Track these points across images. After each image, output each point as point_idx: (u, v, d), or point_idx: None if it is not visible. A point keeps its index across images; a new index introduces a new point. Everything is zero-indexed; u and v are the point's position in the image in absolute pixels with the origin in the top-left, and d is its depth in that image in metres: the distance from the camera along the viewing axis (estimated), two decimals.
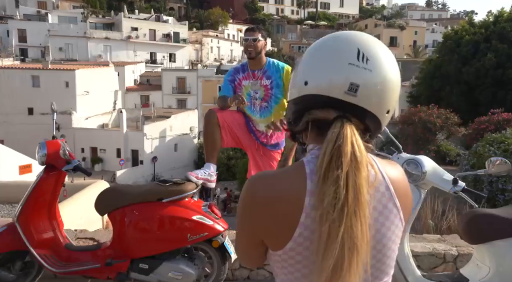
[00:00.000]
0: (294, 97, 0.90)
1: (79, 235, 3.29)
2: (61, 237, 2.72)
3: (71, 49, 41.21)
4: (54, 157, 2.53)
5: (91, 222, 6.15)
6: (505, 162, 2.08)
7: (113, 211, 2.50)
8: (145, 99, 36.29)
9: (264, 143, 2.93)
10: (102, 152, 29.44)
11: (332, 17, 77.98)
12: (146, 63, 42.67)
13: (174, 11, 63.83)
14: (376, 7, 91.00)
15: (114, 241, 2.58)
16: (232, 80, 2.96)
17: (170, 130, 29.52)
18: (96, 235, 3.29)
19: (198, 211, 2.48)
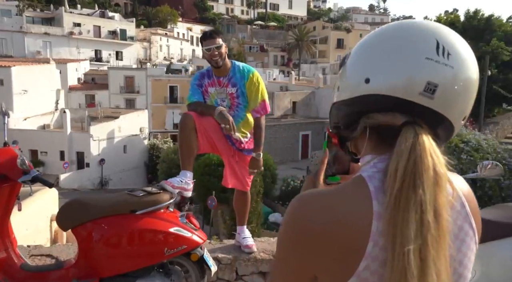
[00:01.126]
0: (346, 98, 0.75)
1: (33, 251, 2.96)
2: (15, 256, 2.42)
3: (5, 44, 38.24)
4: (7, 166, 2.26)
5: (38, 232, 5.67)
6: (496, 164, 2.11)
7: (78, 226, 2.26)
8: (90, 99, 34.59)
9: (240, 148, 2.83)
10: (43, 154, 27.76)
11: (281, 18, 79.24)
12: (90, 61, 40.62)
13: (120, 8, 61.41)
14: (323, 10, 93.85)
15: (79, 259, 2.31)
16: (200, 85, 2.80)
17: (118, 131, 28.40)
18: (53, 251, 2.97)
19: (175, 222, 2.30)
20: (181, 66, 43.81)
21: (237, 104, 2.76)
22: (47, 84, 30.70)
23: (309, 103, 33.81)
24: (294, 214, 0.71)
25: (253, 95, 2.72)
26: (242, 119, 2.79)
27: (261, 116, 2.78)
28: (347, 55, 0.80)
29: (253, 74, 2.74)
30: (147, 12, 61.00)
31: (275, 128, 27.15)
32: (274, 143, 25.95)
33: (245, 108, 2.78)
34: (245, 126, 2.80)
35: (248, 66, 2.82)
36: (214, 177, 14.66)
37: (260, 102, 2.74)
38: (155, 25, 55.94)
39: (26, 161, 2.30)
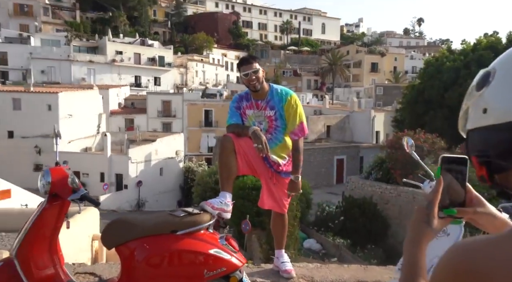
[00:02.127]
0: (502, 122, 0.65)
1: (77, 269, 3.05)
2: (62, 273, 2.46)
3: (53, 72, 40.72)
4: (59, 185, 2.34)
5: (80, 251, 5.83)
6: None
7: (121, 245, 2.29)
8: (129, 123, 35.90)
9: (278, 171, 2.83)
10: (85, 176, 28.73)
11: (315, 43, 79.95)
12: (130, 86, 42.41)
13: (159, 36, 64.26)
14: (357, 34, 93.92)
15: (122, 278, 2.33)
16: (238, 107, 2.87)
17: (155, 154, 29.14)
18: (96, 270, 3.06)
19: (214, 244, 2.29)
20: (216, 90, 44.88)
21: (275, 127, 2.78)
22: (90, 109, 32.24)
23: (344, 127, 33.43)
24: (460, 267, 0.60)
25: (291, 117, 2.75)
26: (280, 142, 2.80)
27: (299, 138, 2.79)
28: (489, 73, 0.71)
29: (291, 97, 2.77)
30: (184, 39, 63.40)
31: (309, 152, 26.95)
32: (308, 167, 25.69)
33: (283, 131, 2.79)
34: (283, 149, 2.80)
35: (286, 89, 2.85)
36: (248, 200, 14.59)
37: (298, 124, 2.76)
38: (192, 52, 57.94)
39: (76, 180, 2.38)
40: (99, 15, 60.37)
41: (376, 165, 18.46)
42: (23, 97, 30.08)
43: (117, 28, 55.29)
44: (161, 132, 33.18)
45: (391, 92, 46.18)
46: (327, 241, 16.45)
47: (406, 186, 16.52)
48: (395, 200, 16.89)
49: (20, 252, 2.33)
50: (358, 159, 28.85)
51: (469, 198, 0.82)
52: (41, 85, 34.56)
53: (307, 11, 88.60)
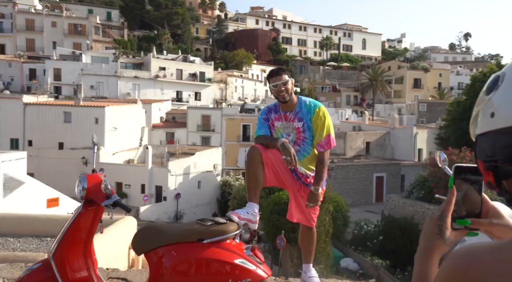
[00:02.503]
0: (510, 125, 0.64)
1: (111, 274, 3.17)
2: (95, 277, 2.54)
3: (102, 87, 42.93)
4: (94, 191, 2.43)
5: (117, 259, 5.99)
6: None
7: (150, 251, 2.35)
8: (170, 136, 36.89)
9: (306, 183, 2.82)
10: (127, 187, 29.61)
11: (355, 59, 79.13)
12: (172, 101, 43.80)
13: (201, 52, 66.25)
14: (399, 50, 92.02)
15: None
16: (267, 119, 2.89)
17: (194, 167, 29.62)
18: (128, 275, 3.15)
19: (240, 254, 2.30)
20: (254, 105, 45.35)
21: (303, 138, 2.80)
22: (134, 122, 33.52)
23: (384, 144, 32.55)
24: (463, 274, 0.59)
25: (318, 129, 2.76)
26: (308, 154, 2.80)
27: (325, 150, 2.79)
28: (499, 76, 0.71)
29: (320, 109, 2.78)
30: (224, 56, 64.94)
31: (347, 168, 26.41)
32: (346, 184, 25.15)
33: (311, 142, 2.80)
34: (311, 161, 2.80)
35: (315, 101, 2.86)
36: (283, 216, 14.40)
37: (325, 136, 2.76)
38: (232, 68, 59.14)
39: (109, 186, 2.44)
40: (145, 33, 63.32)
41: (418, 184, 17.76)
42: (73, 111, 31.80)
43: (161, 45, 57.62)
44: (200, 146, 33.76)
45: (435, 109, 44.58)
46: (365, 261, 15.89)
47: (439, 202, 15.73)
48: None
49: (57, 254, 2.42)
50: (399, 177, 27.87)
51: (485, 209, 0.78)
52: (90, 100, 36.45)
53: (348, 27, 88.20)
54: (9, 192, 13.45)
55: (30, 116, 31.60)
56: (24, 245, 5.46)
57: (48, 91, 39.68)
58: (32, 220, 6.97)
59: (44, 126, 31.01)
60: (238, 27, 76.38)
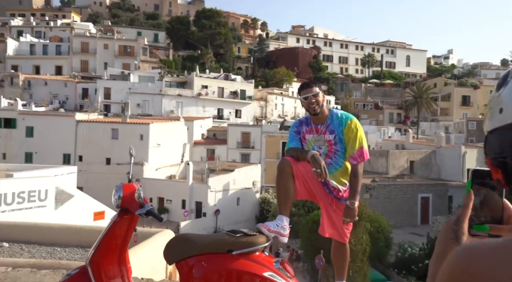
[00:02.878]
0: None
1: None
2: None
3: (147, 105, 44.76)
4: (128, 200, 2.49)
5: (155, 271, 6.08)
6: None
7: (181, 260, 2.36)
8: (211, 153, 37.52)
9: (338, 197, 2.76)
10: (168, 202, 30.26)
11: (398, 76, 77.29)
12: (213, 118, 44.74)
13: (242, 71, 67.58)
14: (445, 66, 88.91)
15: None
16: (298, 132, 2.89)
17: (233, 183, 29.83)
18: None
19: (269, 267, 2.26)
20: None
21: (335, 151, 2.75)
22: (176, 139, 34.50)
23: (429, 163, 31.19)
24: (465, 269, 0.58)
25: (350, 141, 2.72)
26: (340, 167, 2.76)
27: (358, 163, 2.73)
28: (509, 72, 0.69)
29: (352, 121, 2.75)
30: (265, 74, 65.79)
31: (389, 188, 25.50)
32: (388, 204, 24.25)
33: (343, 155, 2.75)
34: (344, 174, 2.76)
35: (347, 113, 2.83)
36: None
37: (357, 149, 2.71)
38: (272, 86, 59.68)
39: (142, 195, 2.48)
40: (189, 53, 65.72)
41: None
42: (120, 127, 33.30)
43: (204, 65, 59.43)
44: (239, 163, 34.04)
45: None
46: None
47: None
48: None
49: (93, 261, 2.49)
50: (446, 198, 26.48)
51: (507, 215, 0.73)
52: (136, 117, 38.05)
53: (391, 44, 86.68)
54: (60, 204, 14.16)
55: (81, 133, 33.44)
56: (70, 254, 5.69)
57: (98, 109, 41.92)
58: (78, 230, 7.27)
59: (93, 142, 32.62)
60: (279, 45, 77.35)
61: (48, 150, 32.35)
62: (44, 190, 13.58)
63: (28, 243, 5.98)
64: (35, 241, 6.06)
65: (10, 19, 69.94)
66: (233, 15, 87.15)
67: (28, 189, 13.19)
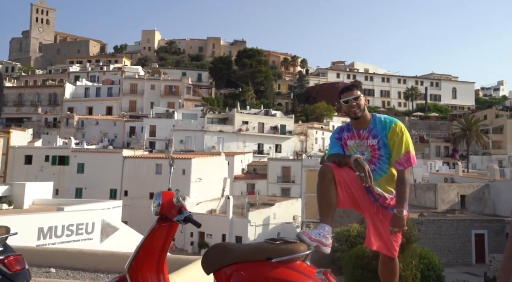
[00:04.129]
0: None
1: None
2: None
3: (190, 141, 46.16)
4: (167, 206, 2.45)
5: None
6: None
7: (219, 269, 2.26)
8: (251, 187, 37.55)
9: (384, 205, 2.58)
10: (208, 237, 30.24)
11: (444, 109, 74.81)
12: (253, 153, 45.12)
13: (282, 107, 68.40)
14: (496, 98, 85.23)
15: None
16: (339, 138, 2.76)
17: (273, 218, 29.45)
18: None
19: (311, 277, 2.11)
20: None
21: (379, 156, 2.61)
22: (217, 173, 34.96)
23: (483, 198, 29.23)
24: None
25: (396, 146, 2.57)
26: (385, 173, 2.60)
27: (404, 168, 2.56)
28: None
29: (396, 124, 2.61)
30: (305, 109, 66.13)
31: (439, 223, 24.03)
32: (438, 240, 22.78)
33: (388, 161, 2.60)
34: (389, 181, 2.59)
35: (390, 117, 2.70)
36: (367, 271, 13.44)
37: (403, 153, 2.56)
38: (312, 120, 59.74)
39: (180, 199, 2.43)
40: (230, 91, 67.84)
41: None
42: (163, 163, 34.33)
43: (245, 101, 60.89)
44: (279, 197, 33.71)
45: None
46: None
47: None
48: None
49: (132, 269, 2.43)
50: (503, 235, 24.45)
51: None
52: (179, 153, 39.21)
53: (435, 76, 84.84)
54: (105, 237, 14.56)
55: (127, 168, 34.83)
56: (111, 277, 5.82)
57: (144, 146, 43.72)
58: (121, 257, 7.43)
59: (138, 178, 33.77)
60: (319, 81, 78.03)
61: (96, 185, 33.80)
62: (91, 223, 14.05)
63: (73, 269, 6.17)
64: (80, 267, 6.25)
65: (69, 66, 76.53)
66: (274, 53, 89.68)
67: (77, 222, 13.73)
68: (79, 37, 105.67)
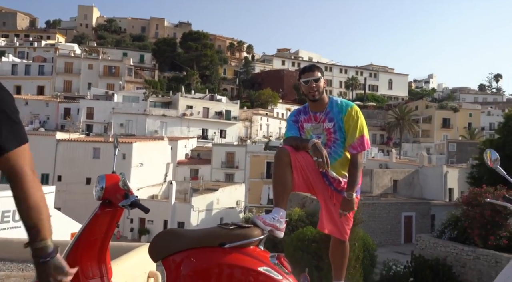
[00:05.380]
0: None
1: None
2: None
3: (131, 125, 44.40)
4: (111, 191, 2.29)
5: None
6: None
7: (168, 256, 2.14)
8: (194, 173, 37.20)
9: (339, 189, 2.57)
10: (149, 223, 29.66)
11: (381, 99, 78.94)
12: (198, 138, 44.57)
13: (227, 92, 68.03)
14: (426, 90, 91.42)
15: None
16: (296, 121, 2.73)
17: (217, 203, 29.50)
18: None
19: (265, 261, 2.06)
20: (279, 143, 45.45)
21: (334, 140, 2.60)
22: (159, 158, 34.09)
23: (412, 183, 31.53)
24: None
25: (350, 129, 2.57)
26: (340, 157, 2.60)
27: (358, 152, 2.57)
28: None
29: (352, 108, 2.59)
30: (250, 95, 66.38)
31: (373, 206, 25.57)
32: (372, 222, 24.24)
33: (343, 144, 2.60)
34: (343, 165, 2.59)
35: (347, 101, 2.68)
36: (307, 253, 13.95)
37: (358, 137, 2.55)
38: (257, 106, 60.16)
39: (127, 183, 2.26)
40: (175, 74, 66.01)
41: (450, 223, 16.87)
42: (102, 147, 32.78)
43: (189, 86, 59.68)
44: (223, 183, 33.78)
45: (466, 149, 43.22)
46: None
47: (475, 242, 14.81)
48: (473, 263, 15.08)
49: (69, 258, 2.20)
50: (429, 217, 26.66)
51: None
52: (119, 137, 37.61)
53: (374, 68, 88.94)
54: None
55: (61, 152, 32.77)
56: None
57: (80, 129, 41.31)
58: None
59: (73, 162, 31.96)
60: (264, 68, 78.48)
61: None
62: None
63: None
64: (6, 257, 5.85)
65: None
66: (220, 38, 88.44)
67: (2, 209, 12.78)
68: (4, 8, 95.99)
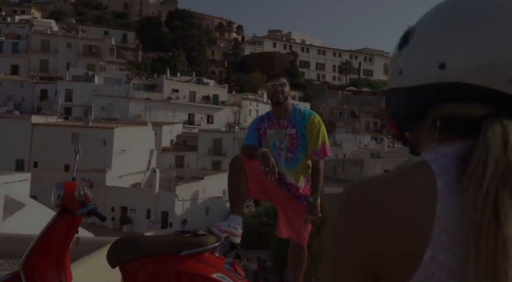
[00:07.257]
0: (413, 84, 0.63)
1: None
2: None
3: (112, 108, 42.34)
4: (69, 199, 2.34)
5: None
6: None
7: (126, 263, 2.24)
8: (180, 160, 35.88)
9: (297, 195, 2.73)
10: (132, 211, 28.81)
11: (376, 84, 77.49)
12: (184, 124, 42.90)
13: (216, 75, 65.99)
14: None
15: None
16: (257, 128, 2.87)
17: (202, 192, 28.47)
18: None
19: (218, 268, 2.20)
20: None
21: (296, 145, 2.76)
22: (143, 144, 32.52)
23: None
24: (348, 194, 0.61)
25: (313, 137, 2.72)
26: (301, 162, 2.75)
27: (319, 159, 2.72)
28: (410, 31, 0.66)
29: (314, 117, 2.77)
30: (240, 78, 64.44)
31: None
32: None
33: (304, 150, 2.75)
34: (304, 170, 2.75)
35: (309, 110, 2.86)
36: None
37: (320, 145, 2.71)
38: (247, 91, 58.34)
39: (83, 193, 2.34)
40: (160, 55, 63.56)
41: None
42: (81, 132, 30.98)
43: (175, 67, 57.46)
44: (210, 171, 32.51)
45: None
46: None
47: None
48: None
49: (27, 265, 2.35)
50: None
51: None
52: (100, 121, 35.72)
53: (369, 52, 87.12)
54: (9, 214, 12.55)
55: (38, 137, 30.98)
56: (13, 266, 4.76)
57: (58, 112, 39.17)
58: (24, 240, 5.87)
59: (51, 148, 30.25)
60: (255, 50, 76.27)
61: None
62: None
63: None
64: None
65: None
66: (208, 17, 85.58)
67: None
68: None
